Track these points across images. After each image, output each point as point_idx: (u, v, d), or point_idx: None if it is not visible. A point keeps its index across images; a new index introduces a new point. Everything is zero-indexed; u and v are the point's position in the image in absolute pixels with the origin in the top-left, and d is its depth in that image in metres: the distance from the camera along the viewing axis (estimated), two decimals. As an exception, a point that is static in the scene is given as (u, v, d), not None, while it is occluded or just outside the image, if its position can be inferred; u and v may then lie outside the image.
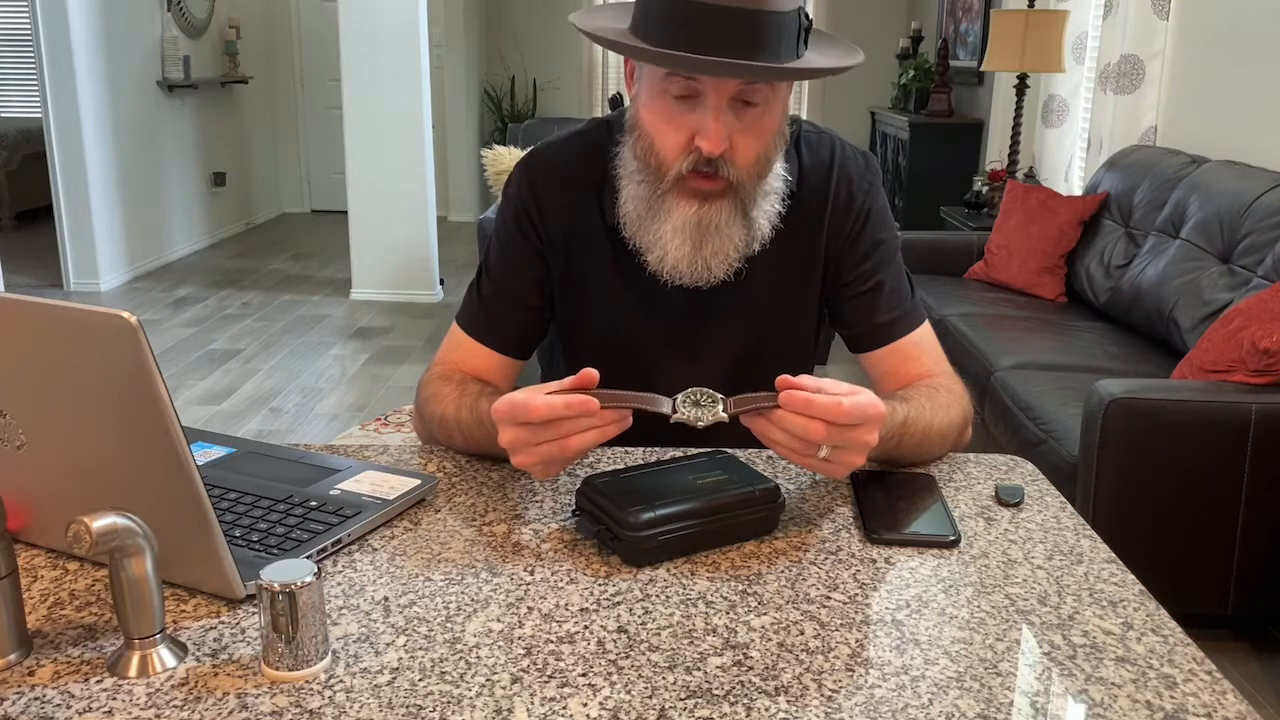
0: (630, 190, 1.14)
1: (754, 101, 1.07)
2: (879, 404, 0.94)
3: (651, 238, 1.13)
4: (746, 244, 1.14)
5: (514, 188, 1.24)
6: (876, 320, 1.23)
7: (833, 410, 0.90)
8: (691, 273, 1.14)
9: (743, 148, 1.09)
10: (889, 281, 1.23)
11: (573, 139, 1.25)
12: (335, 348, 4.43)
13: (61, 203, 5.18)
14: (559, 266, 1.23)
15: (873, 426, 0.93)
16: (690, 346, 1.23)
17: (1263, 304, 2.23)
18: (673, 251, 1.12)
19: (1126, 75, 3.65)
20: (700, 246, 1.12)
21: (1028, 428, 2.46)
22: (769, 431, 0.94)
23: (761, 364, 1.25)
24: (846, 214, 1.22)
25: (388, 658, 0.76)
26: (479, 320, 1.24)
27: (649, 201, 1.12)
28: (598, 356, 1.23)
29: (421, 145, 5.03)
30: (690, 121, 1.07)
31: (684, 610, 0.83)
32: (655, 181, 1.11)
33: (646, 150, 1.11)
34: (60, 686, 0.72)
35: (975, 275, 3.76)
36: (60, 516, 0.75)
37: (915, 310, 1.25)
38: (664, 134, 1.09)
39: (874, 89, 6.89)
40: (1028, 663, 0.77)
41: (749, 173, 1.10)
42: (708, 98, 1.06)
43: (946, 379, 1.20)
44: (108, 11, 5.29)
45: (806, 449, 0.93)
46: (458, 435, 1.13)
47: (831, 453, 0.93)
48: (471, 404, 1.10)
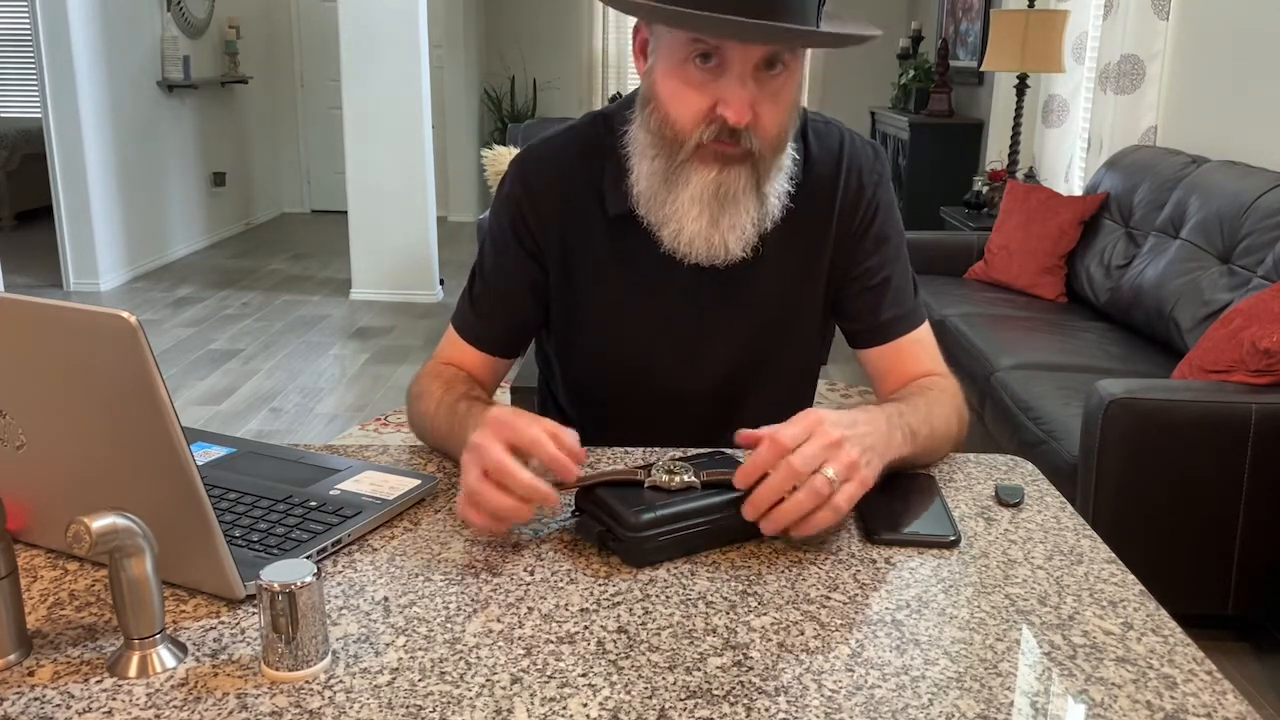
0: (644, 167, 1.11)
1: (777, 69, 1.04)
2: (813, 411, 0.93)
3: (668, 211, 1.10)
4: (759, 220, 1.11)
5: (507, 188, 1.22)
6: (881, 317, 1.21)
7: (777, 447, 0.89)
8: (709, 248, 1.10)
9: (766, 117, 1.05)
10: (895, 278, 1.22)
11: (567, 133, 1.22)
12: (335, 348, 4.43)
13: (61, 203, 5.19)
14: (556, 265, 1.21)
15: (826, 430, 0.91)
16: (692, 345, 1.22)
17: (1263, 304, 2.23)
18: (689, 224, 1.09)
19: (1126, 75, 3.65)
20: (718, 219, 1.08)
21: (1028, 428, 2.46)
22: (782, 518, 0.90)
23: (764, 366, 1.24)
24: (856, 206, 1.20)
25: (388, 658, 0.76)
26: (468, 320, 1.24)
27: (665, 175, 1.09)
28: (596, 355, 1.23)
29: (421, 145, 5.03)
30: (713, 90, 1.04)
31: (684, 610, 0.83)
32: (672, 153, 1.08)
33: (662, 122, 1.07)
34: (60, 687, 0.72)
35: (975, 275, 3.76)
36: (60, 516, 0.75)
37: (918, 309, 1.24)
38: (684, 102, 1.05)
39: (874, 89, 6.89)
40: (1028, 663, 0.77)
41: (770, 144, 1.07)
42: (732, 64, 1.02)
43: (942, 379, 1.19)
44: (108, 11, 5.30)
45: (814, 493, 0.89)
46: (431, 433, 1.14)
47: (834, 475, 0.89)
48: (451, 404, 1.10)
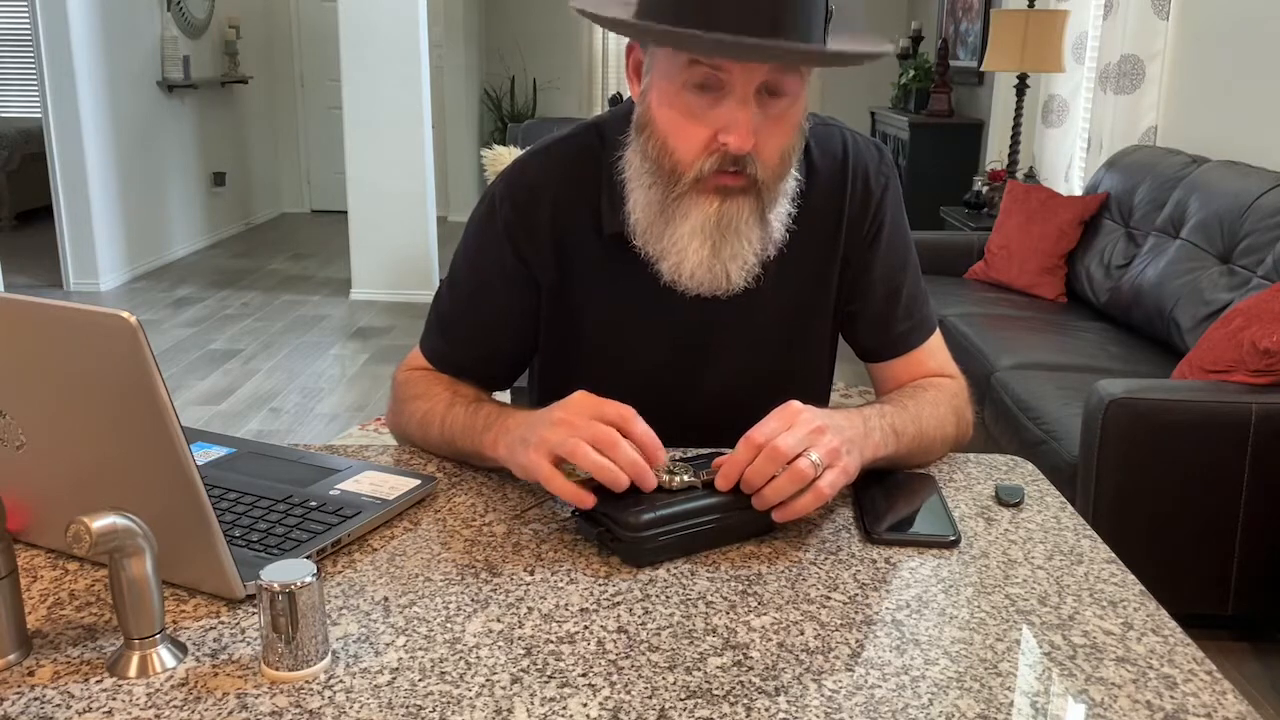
0: (639, 196, 1.05)
1: (781, 91, 0.99)
2: (791, 403, 0.94)
3: (667, 244, 1.04)
4: (762, 249, 1.05)
5: (496, 210, 1.14)
6: (894, 331, 1.17)
7: (751, 446, 0.90)
8: (711, 279, 1.04)
9: (769, 143, 1.00)
10: (907, 287, 1.17)
11: (559, 146, 1.15)
12: (335, 348, 4.43)
13: (61, 203, 5.18)
14: (550, 289, 1.15)
15: (806, 418, 0.92)
16: (693, 368, 1.16)
17: (1263, 304, 2.23)
18: (691, 255, 1.03)
19: (1126, 75, 3.65)
20: (719, 249, 1.02)
21: (1028, 428, 2.46)
22: (762, 502, 0.91)
23: (769, 389, 1.10)
24: (864, 212, 1.15)
25: (388, 658, 0.76)
26: (438, 348, 1.17)
27: (662, 206, 1.03)
28: (592, 380, 1.08)
29: (421, 145, 5.03)
30: (712, 118, 0.98)
31: (684, 610, 0.83)
32: (670, 185, 1.02)
33: (660, 151, 1.01)
34: (60, 687, 0.72)
35: (975, 275, 3.76)
36: (60, 516, 0.75)
37: (929, 317, 1.19)
38: (684, 132, 0.99)
39: (874, 89, 6.89)
40: (1028, 663, 0.77)
41: (773, 171, 1.02)
42: (733, 88, 0.96)
43: (946, 380, 1.17)
44: (107, 11, 5.29)
45: (798, 474, 0.90)
46: (438, 430, 1.08)
47: (817, 459, 0.90)
48: (471, 403, 1.07)
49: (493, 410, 1.04)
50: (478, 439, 1.03)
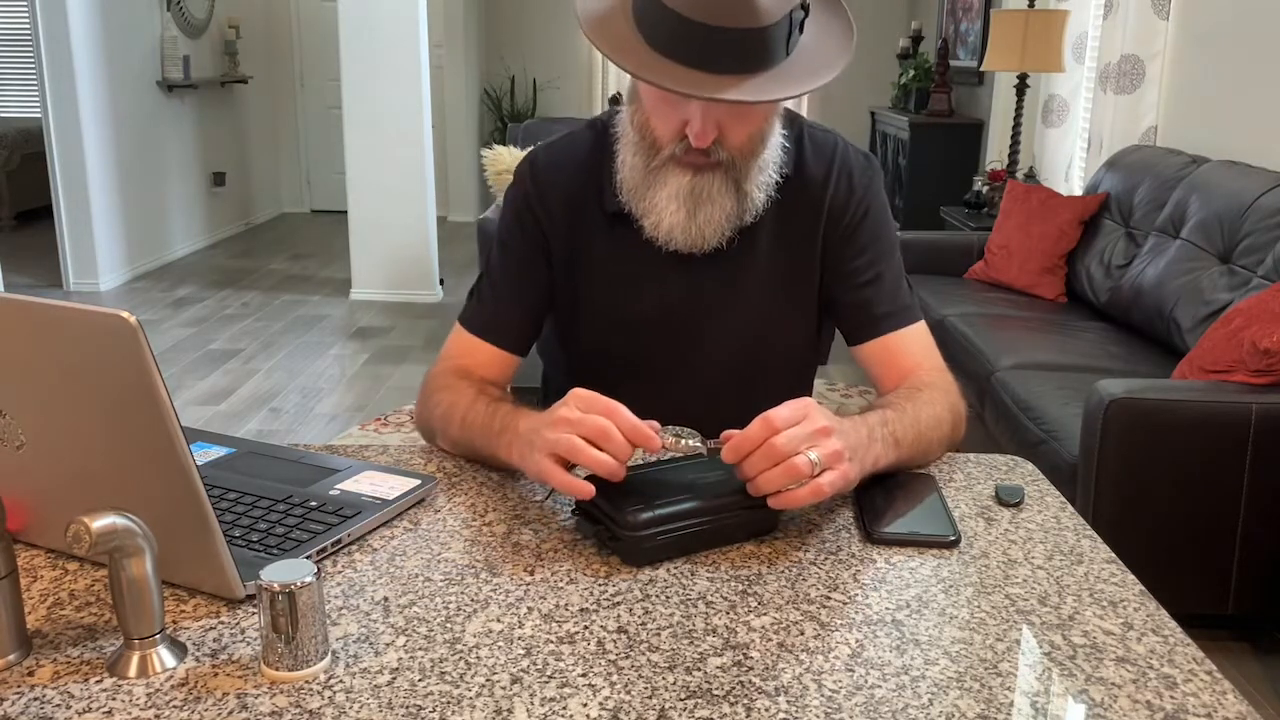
0: (627, 157, 1.18)
1: None
2: (809, 399, 0.95)
3: (648, 204, 1.17)
4: (739, 214, 1.17)
5: (516, 183, 1.29)
6: (874, 312, 1.24)
7: (767, 425, 0.91)
8: (686, 238, 1.17)
9: (737, 131, 1.12)
10: (887, 276, 1.25)
11: (571, 135, 1.30)
12: (335, 348, 4.43)
13: (61, 203, 5.18)
14: (560, 262, 1.26)
15: (815, 417, 0.92)
16: (692, 335, 1.25)
17: (1263, 304, 2.23)
18: (668, 217, 1.15)
19: (1126, 75, 3.65)
20: (694, 213, 1.15)
21: (1028, 428, 2.46)
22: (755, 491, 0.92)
23: (762, 361, 1.28)
24: (846, 205, 1.25)
25: (388, 658, 0.76)
26: (479, 315, 1.27)
27: (644, 172, 1.16)
28: (599, 343, 1.28)
29: (421, 145, 5.03)
30: (682, 111, 1.10)
31: (684, 610, 0.83)
32: (650, 155, 1.15)
33: (643, 125, 1.15)
34: (60, 687, 0.72)
35: (975, 275, 3.76)
36: (60, 516, 0.75)
37: (912, 307, 1.26)
38: (660, 114, 1.13)
39: (874, 89, 6.89)
40: (1028, 663, 0.77)
41: (741, 151, 1.13)
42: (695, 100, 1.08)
43: (933, 375, 1.20)
44: (107, 11, 5.29)
45: (793, 469, 0.90)
46: (457, 428, 1.12)
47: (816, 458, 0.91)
48: (492, 402, 1.10)
49: (508, 413, 1.06)
50: (494, 441, 1.06)
